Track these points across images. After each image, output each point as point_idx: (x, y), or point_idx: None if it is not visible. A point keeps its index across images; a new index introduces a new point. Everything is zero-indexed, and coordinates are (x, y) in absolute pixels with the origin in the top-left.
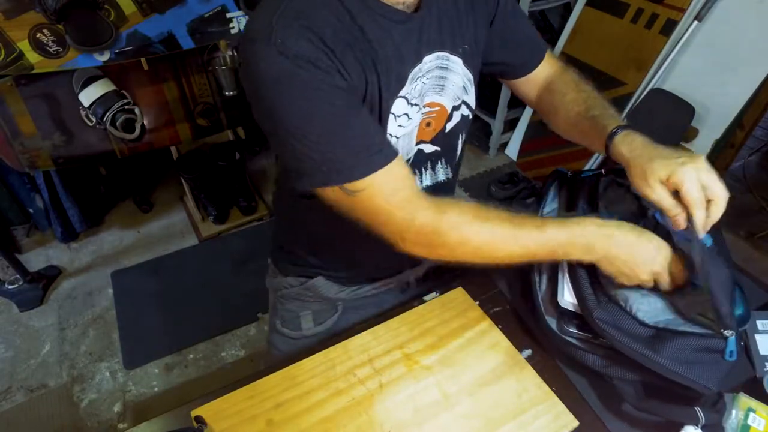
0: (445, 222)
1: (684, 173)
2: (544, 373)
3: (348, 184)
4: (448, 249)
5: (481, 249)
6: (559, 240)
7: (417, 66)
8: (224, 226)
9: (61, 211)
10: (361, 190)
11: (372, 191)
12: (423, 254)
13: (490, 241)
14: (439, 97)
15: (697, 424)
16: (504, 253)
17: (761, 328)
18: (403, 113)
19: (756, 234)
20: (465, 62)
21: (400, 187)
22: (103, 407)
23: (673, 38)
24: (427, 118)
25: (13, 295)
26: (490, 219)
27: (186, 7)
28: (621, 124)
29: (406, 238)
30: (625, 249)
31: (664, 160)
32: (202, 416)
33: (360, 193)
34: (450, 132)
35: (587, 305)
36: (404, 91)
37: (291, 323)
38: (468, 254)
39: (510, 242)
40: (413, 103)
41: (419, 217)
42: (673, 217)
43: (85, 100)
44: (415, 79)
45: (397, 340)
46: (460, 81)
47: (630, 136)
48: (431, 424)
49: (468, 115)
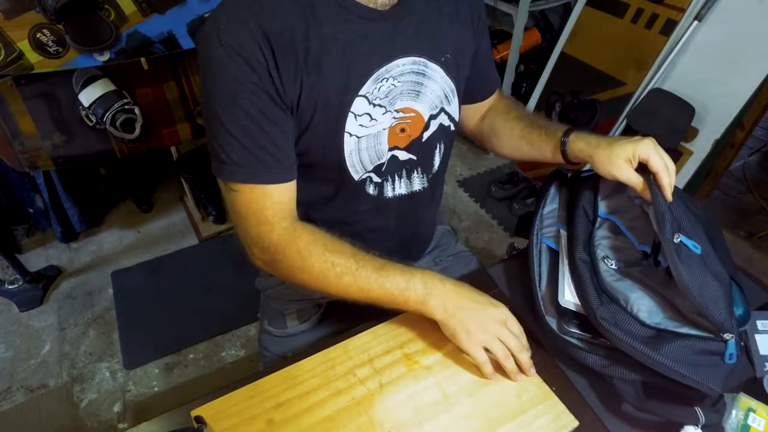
0: (292, 245)
1: (645, 148)
2: (544, 373)
3: (229, 181)
4: (288, 271)
5: (319, 279)
6: (398, 285)
7: (384, 66)
8: (224, 226)
9: (61, 211)
10: (236, 191)
11: (244, 198)
12: (267, 270)
13: (328, 272)
14: (414, 103)
15: (697, 424)
16: (340, 288)
17: (761, 328)
18: (364, 113)
19: (756, 234)
20: (447, 71)
21: (269, 207)
22: (103, 407)
23: (673, 38)
24: (401, 124)
25: (13, 295)
26: (335, 252)
27: (186, 6)
28: (569, 127)
29: (253, 252)
30: (467, 298)
31: (624, 143)
32: (202, 416)
33: (235, 194)
34: (427, 141)
35: (590, 304)
36: (365, 90)
37: (277, 322)
38: (306, 280)
39: (347, 278)
40: (376, 104)
41: (271, 238)
42: (641, 193)
43: (85, 100)
44: (380, 80)
45: (397, 340)
46: (440, 90)
47: (581, 134)
48: (431, 424)
49: (449, 126)
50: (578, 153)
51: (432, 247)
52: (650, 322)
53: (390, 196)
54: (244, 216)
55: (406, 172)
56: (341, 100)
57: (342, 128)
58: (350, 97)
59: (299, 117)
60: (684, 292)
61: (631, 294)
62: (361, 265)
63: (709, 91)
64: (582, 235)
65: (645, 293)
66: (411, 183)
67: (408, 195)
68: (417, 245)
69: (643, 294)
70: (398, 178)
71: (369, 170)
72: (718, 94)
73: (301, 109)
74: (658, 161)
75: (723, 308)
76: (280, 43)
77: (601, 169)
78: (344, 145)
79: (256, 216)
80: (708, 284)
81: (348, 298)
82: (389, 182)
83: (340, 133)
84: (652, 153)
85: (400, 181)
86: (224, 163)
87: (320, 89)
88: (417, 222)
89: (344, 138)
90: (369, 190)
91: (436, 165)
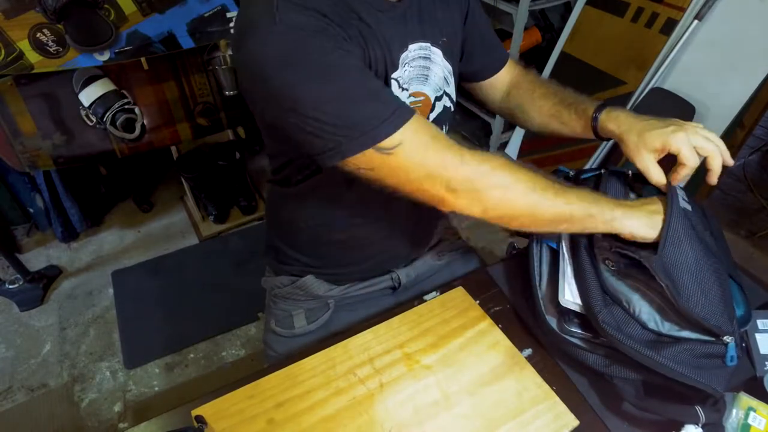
0: (485, 163)
1: (677, 140)
2: (544, 373)
3: (382, 142)
4: (499, 190)
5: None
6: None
7: (404, 53)
8: (224, 226)
9: (62, 210)
10: (397, 144)
11: (410, 144)
12: (467, 209)
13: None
14: (423, 87)
15: (697, 423)
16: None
17: (761, 328)
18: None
19: (756, 233)
20: (444, 54)
21: (435, 134)
22: (103, 407)
23: (673, 37)
24: (414, 108)
25: (13, 295)
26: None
27: (186, 6)
28: (599, 104)
29: (455, 188)
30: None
31: (655, 130)
32: (202, 416)
33: (397, 148)
34: (432, 122)
35: (593, 306)
36: (397, 74)
37: (284, 322)
38: (514, 198)
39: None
40: (404, 88)
41: (466, 160)
42: (658, 185)
43: (85, 99)
44: (404, 65)
45: (398, 340)
46: (441, 72)
47: (613, 113)
48: (432, 424)
49: (450, 107)
50: (608, 134)
51: (435, 241)
52: (651, 326)
53: None
54: (424, 159)
55: None
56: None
57: None
58: (389, 81)
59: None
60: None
61: (632, 296)
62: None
63: (710, 90)
64: (583, 236)
65: (644, 295)
66: None
67: None
68: (423, 239)
69: (642, 296)
70: None
71: None
72: (719, 93)
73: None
74: (689, 156)
75: (719, 313)
76: (339, 23)
77: (626, 154)
78: None
79: (436, 148)
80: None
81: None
82: None
83: None
84: (684, 146)
85: None
86: (361, 134)
87: (372, 68)
88: (423, 213)
89: None
90: None
91: None
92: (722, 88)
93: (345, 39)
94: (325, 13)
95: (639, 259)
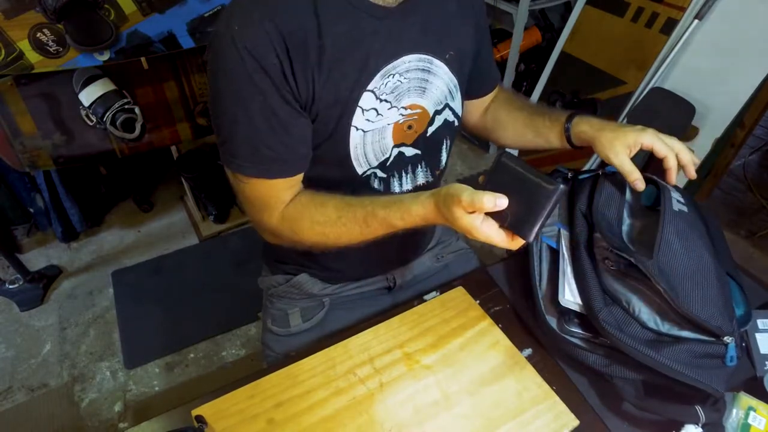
0: (285, 227)
1: (648, 136)
2: (544, 373)
3: (239, 174)
4: (292, 244)
5: (318, 245)
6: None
7: (391, 63)
8: (224, 226)
9: (62, 210)
10: (244, 183)
11: (251, 189)
12: (287, 242)
13: (322, 242)
14: (420, 100)
15: (697, 423)
16: (341, 244)
17: (761, 327)
18: (371, 107)
19: (756, 233)
20: (451, 68)
21: (273, 197)
22: (103, 407)
23: (673, 37)
24: (408, 121)
25: (13, 295)
26: (320, 222)
27: (186, 6)
28: (572, 112)
29: (262, 231)
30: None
31: (628, 130)
32: (202, 415)
33: (243, 184)
34: (431, 136)
35: (593, 306)
36: (372, 86)
37: (280, 321)
38: (311, 246)
39: (343, 239)
40: (383, 99)
41: (271, 222)
42: (632, 182)
43: (85, 99)
44: (388, 76)
45: (398, 340)
46: (444, 86)
47: (585, 117)
48: (432, 424)
49: (453, 122)
50: (581, 135)
51: (433, 243)
52: (651, 326)
53: (397, 191)
54: (250, 203)
55: (411, 167)
56: (350, 96)
57: (349, 122)
58: (359, 92)
59: (309, 112)
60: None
61: (632, 296)
62: (345, 221)
63: (710, 89)
64: (582, 236)
65: (644, 295)
66: (416, 177)
67: (413, 189)
68: (419, 241)
69: (641, 296)
70: (405, 174)
71: (374, 166)
72: (719, 92)
73: (312, 105)
74: (662, 147)
75: (719, 314)
76: (294, 42)
77: (600, 152)
78: (350, 138)
79: (260, 203)
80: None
81: (354, 243)
82: (395, 178)
83: (347, 127)
84: (656, 140)
85: (406, 177)
86: (234, 157)
87: (331, 86)
88: None
89: (351, 132)
90: (374, 185)
91: (443, 161)
92: (722, 88)
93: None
94: (283, 31)
95: (635, 263)
